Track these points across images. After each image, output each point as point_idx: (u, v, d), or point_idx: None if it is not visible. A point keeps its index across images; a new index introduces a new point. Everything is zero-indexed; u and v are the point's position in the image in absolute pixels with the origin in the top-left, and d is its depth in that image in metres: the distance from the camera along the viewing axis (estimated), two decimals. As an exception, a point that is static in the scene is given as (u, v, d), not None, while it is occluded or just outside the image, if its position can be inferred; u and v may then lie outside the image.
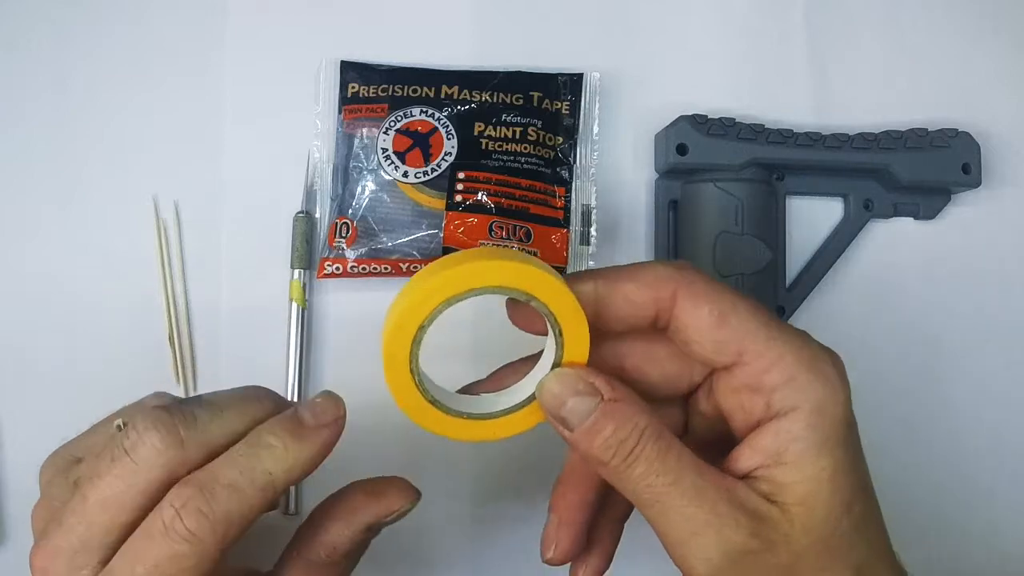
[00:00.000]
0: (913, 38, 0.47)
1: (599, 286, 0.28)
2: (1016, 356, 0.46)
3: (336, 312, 0.43)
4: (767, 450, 0.26)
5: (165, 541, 0.25)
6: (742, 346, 0.26)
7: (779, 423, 0.26)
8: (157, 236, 0.43)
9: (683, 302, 0.27)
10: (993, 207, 0.46)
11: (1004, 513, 0.45)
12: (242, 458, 0.26)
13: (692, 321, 0.27)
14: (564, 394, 0.27)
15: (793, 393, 0.26)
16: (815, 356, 0.27)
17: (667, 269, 0.27)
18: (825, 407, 0.26)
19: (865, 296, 0.45)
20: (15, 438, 0.42)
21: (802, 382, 0.26)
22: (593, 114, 0.44)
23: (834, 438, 0.26)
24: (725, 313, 0.26)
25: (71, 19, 0.44)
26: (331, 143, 0.43)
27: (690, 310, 0.27)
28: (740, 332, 0.26)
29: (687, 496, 0.26)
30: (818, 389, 0.26)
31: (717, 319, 0.26)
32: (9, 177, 0.43)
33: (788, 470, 0.26)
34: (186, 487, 0.25)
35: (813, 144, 0.43)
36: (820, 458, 0.26)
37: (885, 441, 0.44)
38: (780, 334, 0.26)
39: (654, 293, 0.27)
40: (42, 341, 0.42)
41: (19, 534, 0.41)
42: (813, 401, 0.26)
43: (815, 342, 0.27)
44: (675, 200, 0.44)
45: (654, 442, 0.26)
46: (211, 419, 0.27)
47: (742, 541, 0.25)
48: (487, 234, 0.41)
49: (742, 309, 0.27)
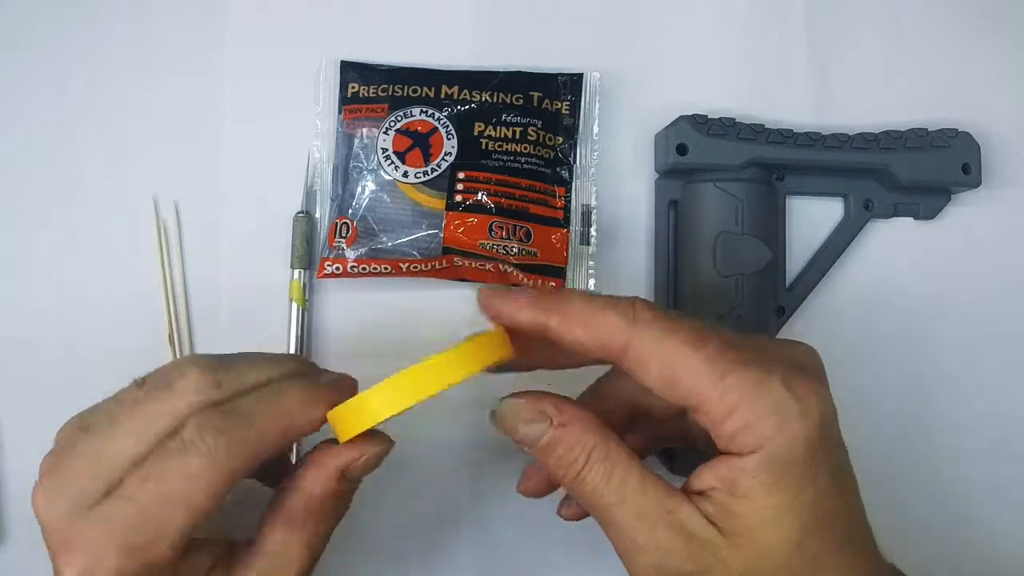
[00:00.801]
0: (913, 38, 0.47)
1: (551, 322, 0.28)
2: (1016, 356, 0.46)
3: (336, 312, 0.43)
4: (721, 478, 0.27)
5: (181, 456, 0.26)
6: (696, 398, 0.27)
7: (735, 459, 0.27)
8: (157, 236, 0.43)
9: (633, 358, 0.27)
10: (993, 207, 0.46)
11: (1004, 513, 0.45)
12: (266, 393, 0.28)
13: (643, 378, 0.28)
14: (515, 423, 0.29)
15: (749, 439, 0.26)
16: (775, 398, 0.26)
17: (617, 320, 0.27)
18: (779, 452, 0.26)
19: (865, 296, 0.45)
20: (15, 438, 0.42)
21: (758, 429, 0.26)
22: (593, 114, 0.44)
23: (789, 477, 0.26)
24: (675, 373, 0.27)
25: (71, 19, 0.44)
26: (331, 143, 0.43)
27: (640, 370, 0.27)
28: (692, 387, 0.27)
29: (629, 517, 0.27)
30: (773, 435, 0.26)
31: (667, 380, 0.27)
32: (9, 177, 0.43)
33: (737, 501, 0.27)
34: (208, 409, 0.27)
35: (813, 144, 0.43)
36: (770, 496, 0.26)
37: (884, 440, 0.45)
38: (737, 379, 0.26)
39: (603, 344, 0.28)
40: (42, 341, 0.42)
41: (19, 534, 0.41)
42: (768, 447, 0.26)
43: (780, 373, 0.27)
44: (675, 200, 0.44)
45: (600, 463, 0.28)
46: (249, 368, 0.29)
47: (677, 565, 0.27)
48: (487, 234, 0.41)
49: (693, 361, 0.27)
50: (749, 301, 0.41)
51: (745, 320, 0.41)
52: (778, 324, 0.44)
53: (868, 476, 0.44)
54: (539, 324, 0.28)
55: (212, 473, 0.26)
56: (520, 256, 0.41)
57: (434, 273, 0.41)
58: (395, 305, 0.43)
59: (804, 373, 0.27)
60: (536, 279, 0.41)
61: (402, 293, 0.43)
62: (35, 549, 0.30)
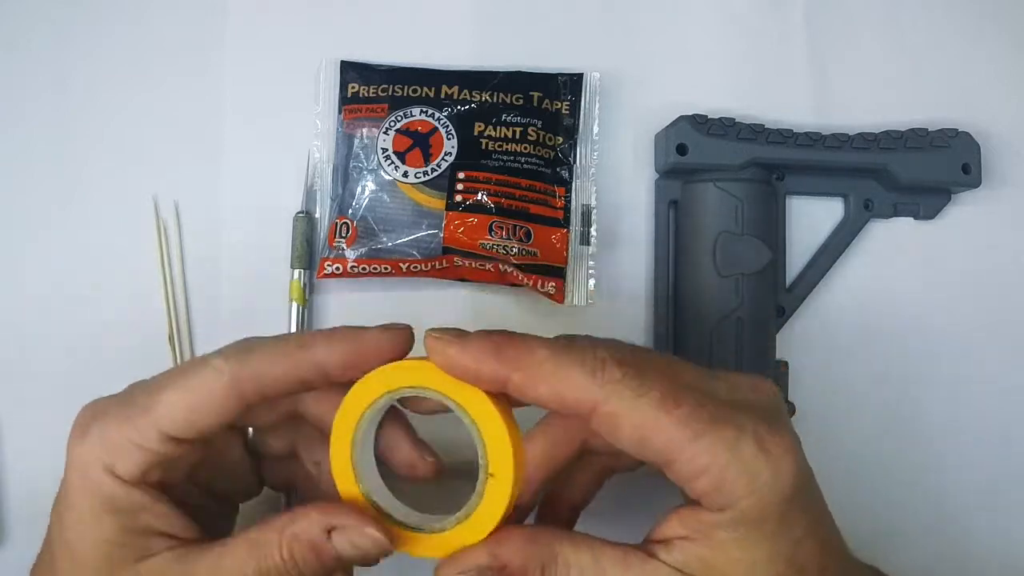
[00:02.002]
0: (913, 38, 0.47)
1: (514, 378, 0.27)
2: (1016, 356, 0.45)
3: (336, 312, 0.43)
4: (693, 526, 0.27)
5: (201, 368, 0.28)
6: (667, 458, 0.27)
7: (706, 512, 0.27)
8: (157, 236, 0.43)
9: (602, 420, 0.27)
10: (993, 207, 0.46)
11: (1005, 514, 0.45)
12: (286, 336, 0.30)
13: (611, 438, 0.27)
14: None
15: (720, 498, 0.26)
16: (747, 459, 0.26)
17: (584, 381, 0.26)
18: (751, 511, 0.26)
19: (865, 296, 0.45)
20: (15, 438, 0.42)
21: (730, 490, 0.26)
22: (593, 114, 0.44)
23: (762, 532, 0.26)
24: (646, 435, 0.26)
25: (71, 19, 0.44)
26: (331, 143, 0.43)
27: (608, 431, 0.27)
28: (663, 449, 0.26)
29: None
30: (745, 495, 0.26)
31: (638, 441, 0.27)
32: (9, 177, 0.43)
33: (709, 551, 0.27)
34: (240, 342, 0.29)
35: (813, 144, 0.43)
36: (743, 551, 0.26)
37: (883, 440, 0.44)
38: (709, 440, 0.26)
39: (569, 405, 0.27)
40: (42, 341, 0.42)
41: (19, 534, 0.41)
42: (740, 506, 0.26)
43: (751, 430, 0.26)
44: (675, 200, 0.44)
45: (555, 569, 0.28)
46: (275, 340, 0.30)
47: None
48: (487, 234, 0.41)
49: (666, 423, 0.26)
50: (749, 301, 0.41)
51: (745, 320, 0.41)
52: (778, 324, 0.44)
53: (865, 477, 0.44)
54: (499, 379, 0.27)
55: (216, 375, 0.28)
56: (520, 256, 0.41)
57: (434, 273, 0.41)
58: (395, 305, 0.43)
59: (772, 424, 0.27)
60: (536, 279, 0.41)
61: (402, 293, 0.43)
62: (35, 549, 0.30)
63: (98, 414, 0.28)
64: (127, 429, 0.28)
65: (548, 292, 0.41)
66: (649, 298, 0.44)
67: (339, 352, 0.28)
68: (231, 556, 0.28)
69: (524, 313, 0.44)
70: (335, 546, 0.28)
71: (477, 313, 0.43)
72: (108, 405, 0.29)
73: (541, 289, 0.41)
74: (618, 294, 0.44)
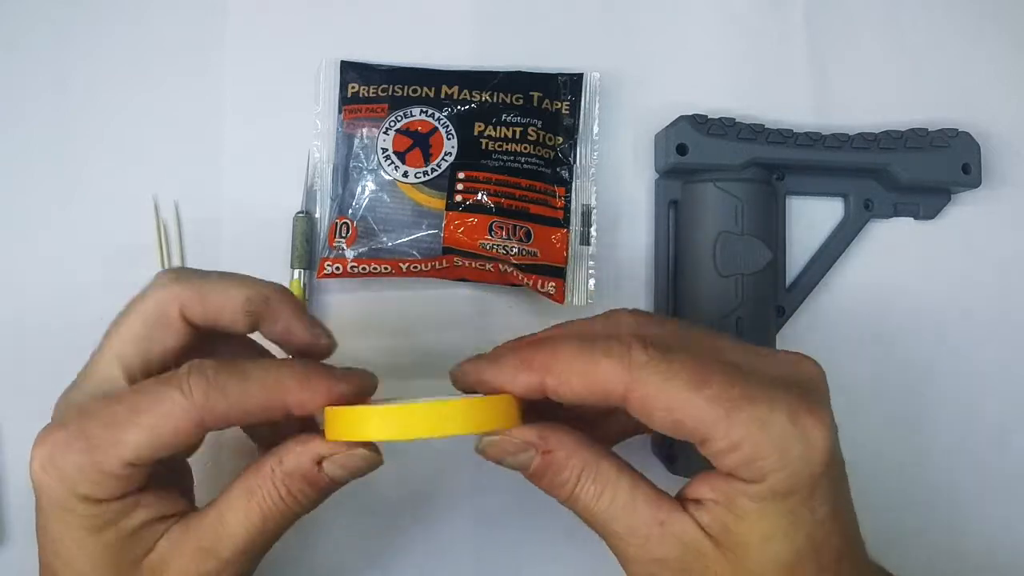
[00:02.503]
0: (913, 38, 0.47)
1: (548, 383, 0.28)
2: (1017, 355, 0.46)
3: (336, 312, 0.43)
4: (720, 492, 0.27)
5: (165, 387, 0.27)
6: (701, 436, 0.27)
7: (736, 481, 0.27)
8: (157, 236, 0.43)
9: (634, 404, 0.27)
10: (993, 207, 0.46)
11: (1006, 513, 0.45)
12: (272, 363, 0.29)
13: (646, 421, 0.27)
14: (500, 455, 0.29)
15: (753, 472, 0.26)
16: (779, 435, 0.26)
17: (614, 368, 0.27)
18: (781, 484, 0.26)
19: (865, 296, 0.45)
20: (15, 438, 0.42)
21: (762, 464, 0.26)
22: (593, 114, 0.44)
23: (788, 506, 0.26)
24: (679, 415, 0.26)
25: (71, 19, 0.44)
26: (331, 143, 0.43)
27: (642, 414, 0.27)
28: (697, 427, 0.26)
29: (620, 532, 0.28)
30: (777, 469, 0.26)
31: (672, 422, 0.27)
32: (9, 177, 0.43)
33: (734, 518, 0.27)
34: (209, 360, 0.28)
35: (813, 144, 0.43)
36: (766, 521, 0.27)
37: (883, 440, 0.45)
38: (742, 417, 0.26)
39: (603, 395, 0.27)
40: (43, 341, 0.42)
41: (19, 534, 0.41)
42: (770, 480, 0.26)
43: (785, 406, 0.26)
44: (675, 200, 0.44)
45: (590, 483, 0.28)
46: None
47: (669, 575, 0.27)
48: (487, 234, 0.41)
49: (697, 402, 0.26)
50: (749, 301, 0.41)
51: (745, 320, 0.41)
52: (778, 324, 0.44)
53: (867, 476, 0.44)
54: (535, 388, 0.28)
55: (182, 412, 0.27)
56: (520, 256, 0.41)
57: (434, 273, 0.41)
58: (395, 305, 0.43)
59: (810, 401, 0.27)
60: (536, 279, 0.41)
61: (402, 293, 0.43)
62: (35, 549, 0.30)
63: (58, 448, 0.27)
64: (93, 460, 0.27)
65: (548, 292, 0.41)
66: (649, 298, 0.44)
67: (311, 400, 0.28)
68: (232, 511, 0.29)
69: (524, 313, 0.44)
70: (328, 473, 0.29)
71: (477, 313, 0.43)
72: (68, 439, 0.27)
73: (541, 289, 0.41)
74: (618, 294, 0.44)
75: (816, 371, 0.29)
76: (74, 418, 0.28)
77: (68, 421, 0.28)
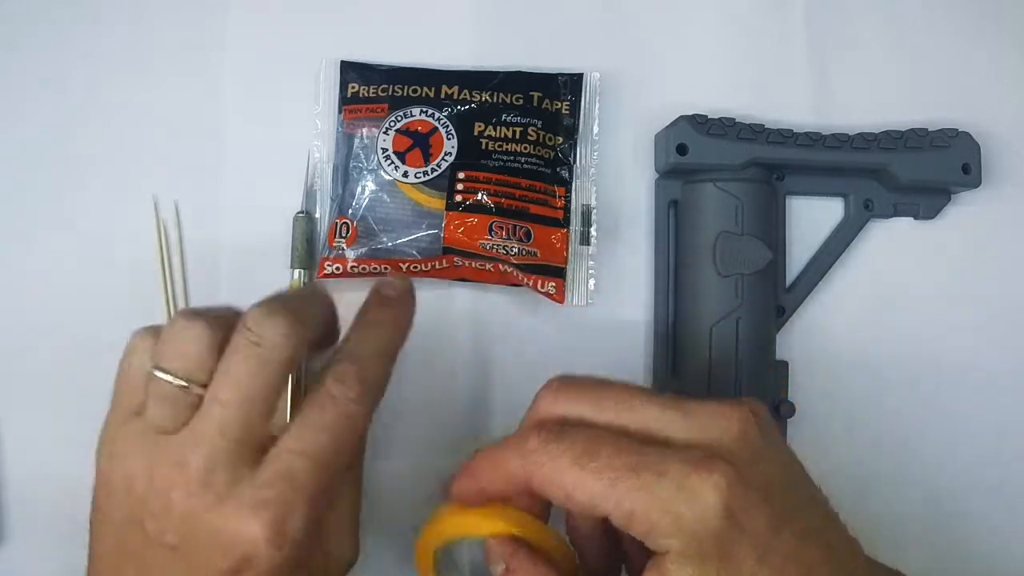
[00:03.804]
0: (913, 38, 0.47)
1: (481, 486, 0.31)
2: (1017, 356, 0.46)
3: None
4: (653, 568, 0.27)
5: (339, 407, 0.29)
6: (594, 507, 0.27)
7: (659, 557, 0.27)
8: (157, 236, 0.43)
9: (536, 489, 0.29)
10: (993, 207, 0.46)
11: (1006, 515, 0.45)
12: (369, 332, 0.32)
13: (554, 502, 0.29)
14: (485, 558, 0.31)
15: (655, 541, 0.27)
16: (664, 499, 0.27)
17: (514, 459, 0.29)
18: (687, 546, 0.26)
19: (865, 296, 0.45)
20: (15, 438, 0.42)
21: (659, 530, 0.27)
22: (593, 114, 0.44)
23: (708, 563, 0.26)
24: (570, 492, 0.28)
25: (71, 19, 0.44)
26: (331, 143, 0.43)
27: (547, 496, 0.29)
28: (588, 500, 0.27)
29: None
30: (674, 532, 0.26)
31: (567, 499, 0.28)
32: (9, 177, 0.43)
33: None
34: (339, 364, 0.30)
35: (813, 144, 0.43)
36: None
37: (884, 440, 0.45)
38: (626, 486, 0.27)
39: (516, 484, 0.29)
40: (42, 342, 0.42)
41: (19, 534, 0.41)
42: (674, 545, 0.26)
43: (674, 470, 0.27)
44: (675, 200, 0.44)
45: None
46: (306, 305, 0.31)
47: None
48: (487, 234, 0.41)
49: (583, 477, 0.27)
50: (749, 301, 0.41)
51: (745, 320, 0.41)
52: (778, 324, 0.44)
53: (867, 477, 0.44)
54: (475, 494, 0.31)
55: (364, 417, 0.30)
56: (520, 256, 0.41)
57: (434, 273, 0.41)
58: (395, 305, 0.43)
59: (708, 460, 0.27)
60: (536, 279, 0.41)
61: (402, 293, 0.43)
62: (35, 549, 0.30)
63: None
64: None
65: (548, 292, 0.41)
66: (649, 298, 0.44)
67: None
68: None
69: (524, 313, 0.44)
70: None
71: (477, 313, 0.43)
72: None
73: (541, 289, 0.41)
74: (618, 294, 0.44)
75: (736, 426, 0.29)
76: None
77: None
